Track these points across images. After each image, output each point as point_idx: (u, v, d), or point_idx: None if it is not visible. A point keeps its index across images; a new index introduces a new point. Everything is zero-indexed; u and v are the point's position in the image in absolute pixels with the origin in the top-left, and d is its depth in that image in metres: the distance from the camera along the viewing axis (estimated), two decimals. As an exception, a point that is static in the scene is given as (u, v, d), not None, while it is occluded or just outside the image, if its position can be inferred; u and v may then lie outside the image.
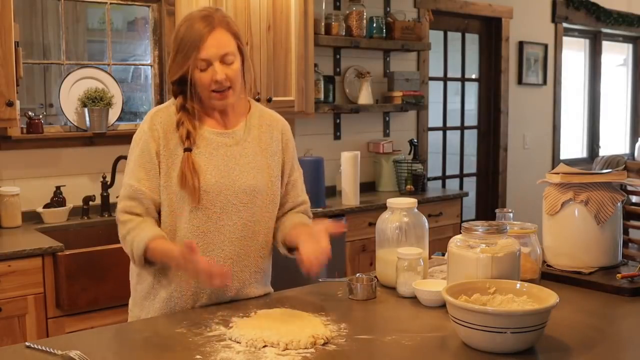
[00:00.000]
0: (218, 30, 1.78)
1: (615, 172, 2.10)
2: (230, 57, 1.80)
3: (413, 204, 1.98)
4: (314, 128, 4.22)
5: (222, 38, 1.79)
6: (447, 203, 4.32)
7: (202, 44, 1.76)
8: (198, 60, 1.77)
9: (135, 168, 1.82)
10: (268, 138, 1.93)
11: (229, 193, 1.83)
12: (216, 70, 1.78)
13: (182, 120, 1.82)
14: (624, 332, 1.69)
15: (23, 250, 2.72)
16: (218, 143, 1.85)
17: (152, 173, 1.81)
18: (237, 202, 1.84)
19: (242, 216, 1.85)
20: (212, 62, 1.78)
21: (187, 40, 1.78)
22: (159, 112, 1.86)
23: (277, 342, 1.49)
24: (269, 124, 1.95)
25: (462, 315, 1.45)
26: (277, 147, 1.94)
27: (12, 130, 3.17)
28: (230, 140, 1.87)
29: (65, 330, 2.79)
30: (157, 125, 1.82)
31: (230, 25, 1.82)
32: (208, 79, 1.79)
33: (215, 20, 1.79)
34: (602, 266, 2.05)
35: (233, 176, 1.84)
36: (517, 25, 5.55)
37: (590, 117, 6.70)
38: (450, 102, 5.37)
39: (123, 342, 1.61)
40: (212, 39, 1.77)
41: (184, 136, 1.81)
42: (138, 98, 3.84)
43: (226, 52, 1.79)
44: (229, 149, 1.86)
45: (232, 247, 1.85)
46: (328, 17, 4.12)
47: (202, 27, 1.77)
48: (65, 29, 3.46)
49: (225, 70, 1.79)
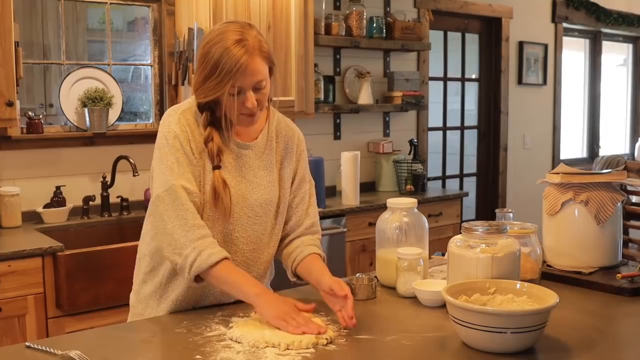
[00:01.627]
0: (255, 59, 1.70)
1: (615, 172, 2.10)
2: (263, 83, 1.74)
3: (413, 204, 1.98)
4: (314, 128, 4.22)
5: (258, 67, 1.72)
6: (447, 203, 4.32)
7: (239, 72, 1.68)
8: (233, 87, 1.70)
9: (184, 172, 1.72)
10: (283, 149, 1.91)
11: (244, 205, 1.80)
12: (248, 97, 1.72)
13: (212, 136, 1.76)
14: (624, 332, 1.69)
15: (23, 250, 2.72)
16: (238, 154, 1.81)
17: (197, 176, 1.75)
18: (252, 214, 1.82)
19: (256, 229, 1.84)
20: (245, 90, 1.72)
21: (224, 67, 1.68)
22: (185, 113, 1.78)
23: (278, 343, 1.49)
24: (285, 135, 1.92)
25: (462, 315, 1.45)
26: (290, 159, 1.92)
27: (12, 130, 3.17)
28: (250, 152, 1.83)
29: (65, 330, 2.79)
30: (185, 127, 1.76)
31: (264, 50, 1.74)
32: (239, 104, 1.73)
33: (250, 46, 1.70)
34: (602, 266, 2.04)
35: (250, 189, 1.81)
36: (517, 25, 5.55)
37: (590, 117, 6.70)
38: (450, 102, 5.37)
39: (123, 342, 1.61)
40: (250, 68, 1.69)
41: (215, 153, 1.75)
42: (138, 98, 3.84)
43: (260, 80, 1.73)
44: (248, 161, 1.83)
45: (242, 258, 1.84)
46: (328, 17, 4.12)
47: (239, 55, 1.68)
48: (65, 29, 3.46)
49: (257, 96, 1.73)
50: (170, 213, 1.70)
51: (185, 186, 1.71)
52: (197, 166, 1.75)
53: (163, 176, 1.72)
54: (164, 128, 1.77)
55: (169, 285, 1.82)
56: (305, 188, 1.94)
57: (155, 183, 1.75)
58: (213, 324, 1.67)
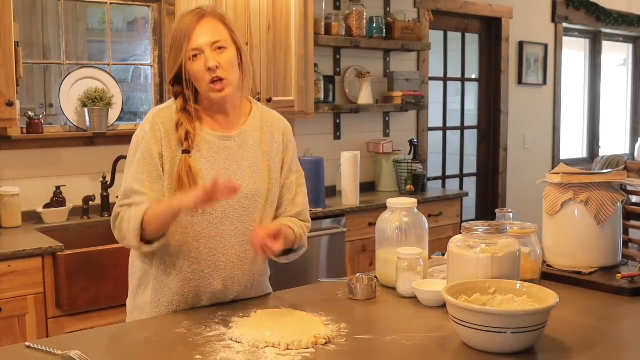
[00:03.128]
0: (208, 18, 1.77)
1: (615, 172, 2.10)
2: (222, 45, 1.76)
3: (413, 204, 1.98)
4: (314, 128, 4.22)
5: (212, 26, 1.76)
6: (447, 203, 4.32)
7: (192, 32, 1.74)
8: (189, 50, 1.74)
9: (137, 171, 1.77)
10: (269, 140, 1.90)
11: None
12: (207, 57, 1.74)
13: (182, 121, 1.79)
14: (624, 332, 1.69)
15: (23, 250, 2.72)
16: (219, 146, 1.82)
17: (155, 175, 1.77)
18: (238, 206, 1.82)
19: (244, 220, 1.83)
20: (203, 50, 1.74)
21: (178, 33, 1.76)
22: (161, 111, 1.82)
23: (278, 343, 1.49)
24: (270, 125, 1.92)
25: (462, 315, 1.45)
26: (278, 149, 1.92)
27: (12, 130, 3.17)
28: (232, 144, 1.84)
29: (65, 330, 2.79)
30: (159, 126, 1.78)
31: (223, 17, 1.80)
32: (201, 67, 1.75)
33: (205, 11, 1.78)
34: (602, 266, 2.04)
35: (235, 180, 1.80)
36: (517, 25, 5.55)
37: (590, 117, 6.70)
38: (450, 102, 5.37)
39: (123, 342, 1.61)
40: (201, 27, 1.75)
41: (183, 137, 1.77)
42: (138, 98, 3.84)
43: (217, 40, 1.75)
44: (230, 153, 1.83)
45: (234, 252, 1.83)
46: (328, 17, 4.12)
47: (191, 17, 1.77)
48: (65, 29, 3.46)
49: (218, 58, 1.75)
50: (124, 214, 1.75)
51: (134, 188, 1.76)
52: (159, 167, 1.77)
53: (125, 178, 1.80)
54: (139, 127, 1.84)
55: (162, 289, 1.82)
56: (292, 178, 1.94)
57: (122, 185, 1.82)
58: (213, 324, 1.67)
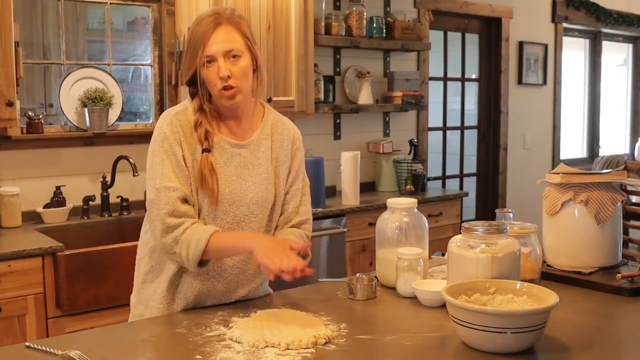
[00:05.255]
0: (224, 26, 1.75)
1: (615, 172, 2.10)
2: (236, 53, 1.75)
3: (413, 204, 1.98)
4: (314, 128, 4.22)
5: (227, 34, 1.75)
6: (447, 203, 4.32)
7: (207, 40, 1.74)
8: (203, 56, 1.74)
9: (166, 170, 1.74)
10: (278, 147, 1.90)
11: (241, 204, 1.81)
12: (220, 65, 1.74)
13: (200, 120, 1.79)
14: (624, 332, 1.69)
15: (23, 250, 2.72)
16: (232, 153, 1.82)
17: (182, 175, 1.75)
18: (249, 213, 1.82)
19: (253, 227, 1.84)
20: (216, 58, 1.74)
21: (194, 38, 1.76)
22: (178, 114, 1.80)
23: (278, 343, 1.49)
24: (280, 133, 1.92)
25: (462, 315, 1.45)
26: (286, 157, 1.91)
27: (12, 130, 3.17)
28: (245, 151, 1.84)
29: (65, 330, 2.79)
30: (177, 129, 1.77)
31: (239, 24, 1.78)
32: (213, 74, 1.75)
33: (222, 17, 1.76)
34: (602, 266, 2.04)
35: (245, 187, 1.81)
36: (517, 25, 5.55)
37: (590, 117, 6.70)
38: (450, 102, 5.37)
39: (123, 342, 1.61)
40: (216, 34, 1.74)
41: (202, 136, 1.77)
42: (138, 98, 3.84)
43: (231, 48, 1.74)
44: (242, 160, 1.83)
45: (241, 257, 1.84)
46: (328, 17, 4.12)
47: (207, 23, 1.76)
48: (65, 29, 3.46)
49: (230, 67, 1.74)
50: (157, 219, 1.73)
51: (167, 186, 1.73)
52: (185, 167, 1.76)
53: (152, 181, 1.76)
54: (156, 130, 1.80)
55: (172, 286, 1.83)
56: (297, 186, 1.93)
57: (147, 187, 1.78)
58: (213, 324, 1.67)
